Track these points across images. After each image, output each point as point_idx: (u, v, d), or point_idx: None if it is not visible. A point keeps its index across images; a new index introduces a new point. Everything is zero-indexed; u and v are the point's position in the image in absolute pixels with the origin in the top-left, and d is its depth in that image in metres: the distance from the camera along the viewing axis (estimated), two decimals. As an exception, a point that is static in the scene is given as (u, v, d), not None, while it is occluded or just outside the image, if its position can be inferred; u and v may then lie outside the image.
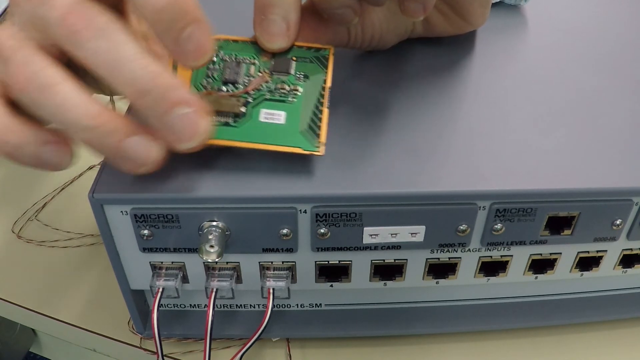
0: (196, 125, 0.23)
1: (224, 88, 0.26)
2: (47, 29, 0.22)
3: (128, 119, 0.23)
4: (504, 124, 0.29)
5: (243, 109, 0.26)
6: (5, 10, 0.33)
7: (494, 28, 0.36)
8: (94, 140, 0.23)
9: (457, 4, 0.31)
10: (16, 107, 0.23)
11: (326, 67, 0.27)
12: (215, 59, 0.27)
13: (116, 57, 0.22)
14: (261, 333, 0.27)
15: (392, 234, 0.26)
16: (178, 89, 0.22)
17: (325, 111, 0.26)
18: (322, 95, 0.26)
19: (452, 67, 0.33)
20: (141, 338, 0.32)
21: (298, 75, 0.26)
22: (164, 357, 0.28)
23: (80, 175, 0.43)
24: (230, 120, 0.25)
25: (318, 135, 0.25)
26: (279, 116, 0.25)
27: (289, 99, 0.26)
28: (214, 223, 0.25)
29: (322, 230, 0.26)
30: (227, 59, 0.27)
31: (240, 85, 0.26)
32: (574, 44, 0.35)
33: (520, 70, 0.33)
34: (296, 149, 0.25)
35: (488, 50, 0.34)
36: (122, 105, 0.30)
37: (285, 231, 0.26)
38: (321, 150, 0.25)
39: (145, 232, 0.26)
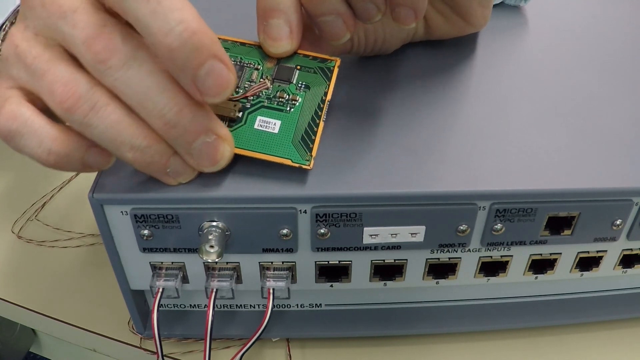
0: (217, 153, 0.23)
1: None
2: (68, 44, 0.21)
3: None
4: (504, 124, 0.29)
5: (239, 114, 0.26)
6: (15, 10, 0.33)
7: (495, 28, 0.36)
8: (142, 158, 0.23)
9: (457, 4, 0.31)
10: (46, 113, 0.23)
11: (329, 79, 0.26)
12: None
13: (144, 90, 0.21)
14: (261, 333, 0.27)
15: (392, 234, 0.26)
16: (202, 119, 0.22)
17: (321, 124, 0.26)
18: (321, 108, 0.26)
19: (452, 68, 0.33)
20: (141, 338, 0.32)
21: (299, 85, 0.26)
22: (164, 357, 0.28)
23: (78, 174, 0.43)
24: (225, 125, 0.25)
25: (310, 149, 0.25)
26: (273, 125, 0.25)
27: (286, 108, 0.26)
28: (214, 223, 0.25)
29: (322, 230, 0.26)
30: (232, 62, 0.26)
31: (240, 90, 0.26)
32: (574, 44, 0.35)
33: (520, 71, 0.33)
34: (285, 160, 0.25)
35: (488, 50, 0.34)
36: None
37: (285, 231, 0.26)
38: (310, 164, 0.25)
39: (145, 232, 0.26)
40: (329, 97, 0.26)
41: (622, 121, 0.29)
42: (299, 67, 0.27)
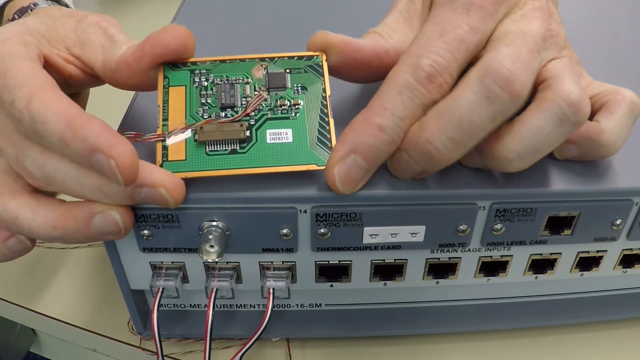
0: (159, 200, 0.23)
1: (222, 114, 0.25)
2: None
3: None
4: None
5: (248, 133, 0.25)
6: None
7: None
8: (105, 198, 0.24)
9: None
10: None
11: (322, 75, 0.26)
12: (206, 83, 0.26)
13: (71, 190, 0.23)
14: (261, 333, 0.27)
15: (392, 234, 0.26)
16: (126, 187, 0.23)
17: (331, 121, 0.25)
18: (325, 105, 0.26)
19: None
20: (141, 338, 0.32)
21: (295, 88, 0.26)
22: (164, 357, 0.28)
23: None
24: (237, 147, 0.25)
25: (330, 149, 0.25)
26: (286, 134, 0.25)
27: (292, 114, 0.25)
28: (214, 223, 0.25)
29: (322, 230, 0.26)
30: (219, 82, 0.26)
31: (238, 108, 0.25)
32: (573, 44, 0.35)
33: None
34: (310, 166, 0.24)
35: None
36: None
37: (285, 231, 0.26)
38: None
39: (145, 232, 0.26)
40: (328, 92, 0.26)
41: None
42: (288, 70, 0.26)
